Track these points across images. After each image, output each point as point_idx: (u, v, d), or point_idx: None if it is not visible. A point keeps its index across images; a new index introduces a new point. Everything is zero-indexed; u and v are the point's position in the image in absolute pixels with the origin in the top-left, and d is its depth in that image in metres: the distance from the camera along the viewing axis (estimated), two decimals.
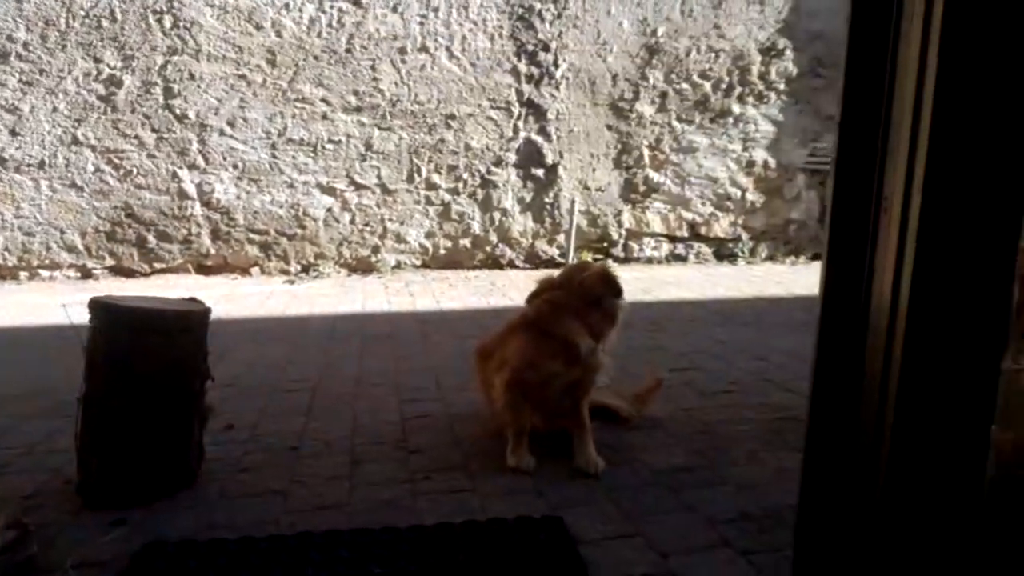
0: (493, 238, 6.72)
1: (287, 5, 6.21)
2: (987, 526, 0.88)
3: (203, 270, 6.52)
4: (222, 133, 6.32)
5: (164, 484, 1.97)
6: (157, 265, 6.45)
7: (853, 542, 1.06)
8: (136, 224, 6.34)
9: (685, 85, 6.69)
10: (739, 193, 6.93)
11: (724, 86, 6.73)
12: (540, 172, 6.66)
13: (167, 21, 6.13)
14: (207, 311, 2.12)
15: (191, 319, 2.05)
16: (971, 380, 0.88)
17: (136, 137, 6.24)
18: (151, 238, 6.38)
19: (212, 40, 6.18)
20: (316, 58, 6.29)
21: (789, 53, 6.71)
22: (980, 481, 0.88)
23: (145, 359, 1.92)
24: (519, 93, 6.52)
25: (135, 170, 6.26)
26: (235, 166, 6.37)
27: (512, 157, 6.61)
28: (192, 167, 6.34)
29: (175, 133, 6.28)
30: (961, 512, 0.91)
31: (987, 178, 0.85)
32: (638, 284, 5.75)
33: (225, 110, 6.29)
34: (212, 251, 6.47)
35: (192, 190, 6.36)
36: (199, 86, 6.23)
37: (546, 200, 6.70)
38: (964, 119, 0.83)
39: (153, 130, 6.26)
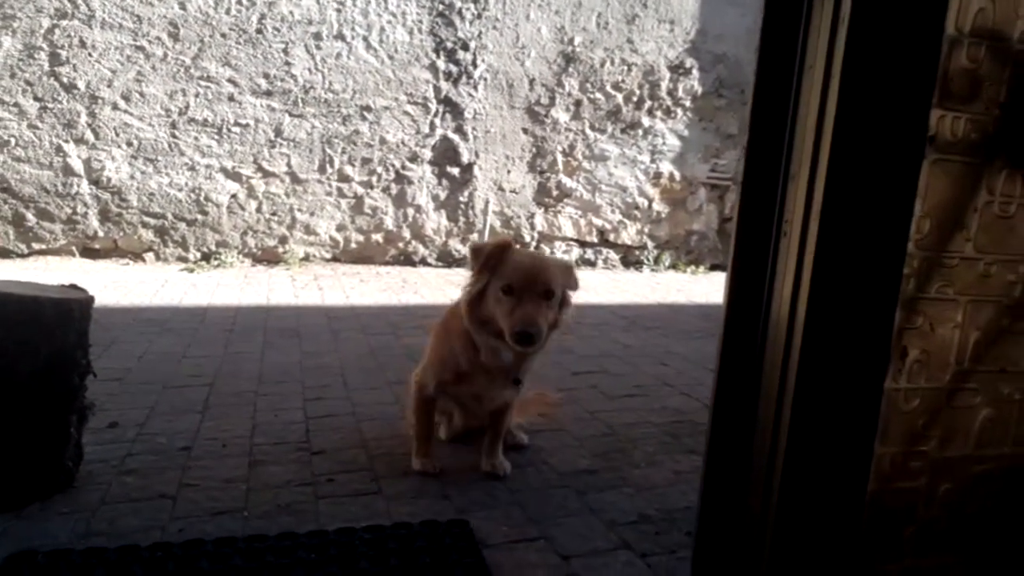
0: (406, 234, 6.63)
1: None
2: (867, 534, 0.97)
3: (89, 253, 6.04)
4: (115, 107, 5.88)
5: (36, 487, 1.81)
6: (36, 246, 5.92)
7: (749, 545, 1.13)
8: (13, 200, 5.79)
9: (599, 95, 6.86)
10: (646, 203, 7.19)
11: (635, 99, 6.96)
12: (456, 171, 6.63)
13: None
14: (90, 299, 1.97)
15: (71, 308, 1.89)
16: (859, 395, 0.96)
17: (16, 105, 5.69)
18: (30, 216, 5.85)
19: (107, 7, 5.74)
20: (224, 36, 5.97)
21: (695, 72, 7.02)
22: (863, 491, 0.96)
23: (16, 350, 1.76)
24: (437, 90, 6.46)
25: (13, 140, 5.72)
26: (129, 143, 5.95)
27: (428, 154, 6.55)
28: (80, 141, 5.86)
29: (61, 104, 5.78)
30: (846, 519, 0.99)
31: (878, 210, 0.93)
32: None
33: (120, 82, 5.85)
34: (100, 233, 6.01)
35: (79, 166, 5.88)
36: (91, 55, 5.77)
37: (461, 199, 6.68)
38: (861, 152, 0.91)
39: (36, 98, 5.73)
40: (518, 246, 2.08)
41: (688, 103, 7.07)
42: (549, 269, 1.90)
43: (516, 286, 1.82)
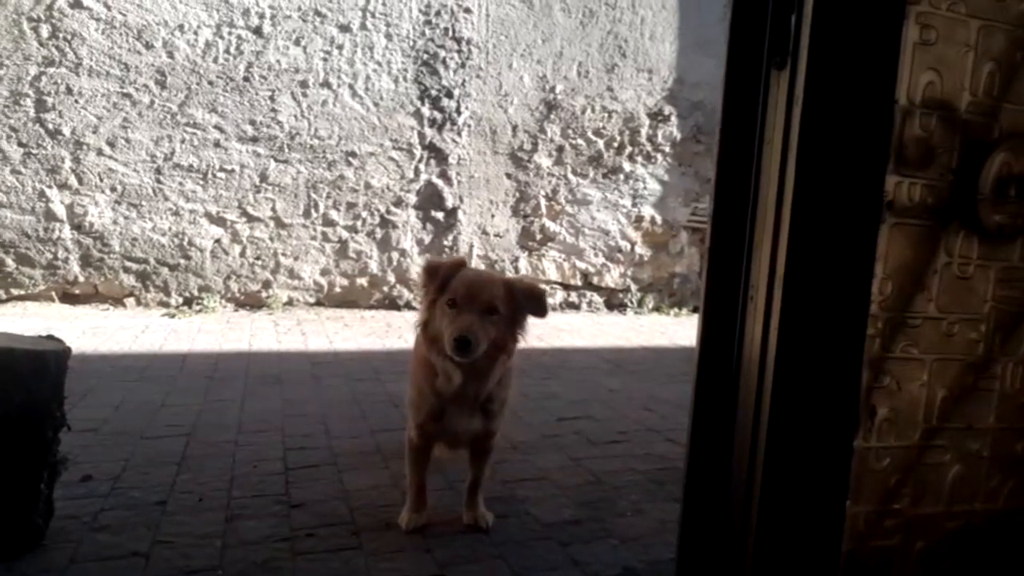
0: (391, 278, 6.64)
1: (181, 27, 5.96)
2: None
3: (69, 299, 5.97)
4: (100, 153, 5.90)
5: (2, 546, 1.76)
6: (15, 291, 5.85)
7: None
8: None
9: (580, 141, 7.00)
10: (629, 246, 7.27)
11: (616, 145, 7.10)
12: (440, 215, 6.69)
13: (44, 30, 5.70)
14: (67, 351, 1.94)
15: (46, 360, 1.86)
16: (829, 454, 0.97)
17: None
18: (10, 261, 5.79)
19: (95, 55, 5.81)
20: (211, 83, 6.05)
21: (674, 119, 7.20)
22: (838, 550, 0.96)
23: None
24: (421, 136, 6.56)
25: None
26: (113, 189, 5.95)
27: (413, 198, 6.61)
28: (63, 187, 5.85)
29: (46, 149, 5.79)
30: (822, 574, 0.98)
31: (839, 275, 0.96)
32: (533, 331, 5.82)
33: (105, 129, 5.88)
34: (81, 278, 5.96)
35: (61, 211, 5.86)
36: (77, 101, 5.81)
37: (445, 243, 6.72)
38: (820, 220, 0.94)
39: (20, 144, 5.74)
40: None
41: (668, 149, 7.23)
42: (494, 286, 1.93)
43: (459, 300, 1.86)
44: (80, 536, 1.91)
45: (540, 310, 2.01)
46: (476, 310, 1.85)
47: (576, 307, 7.17)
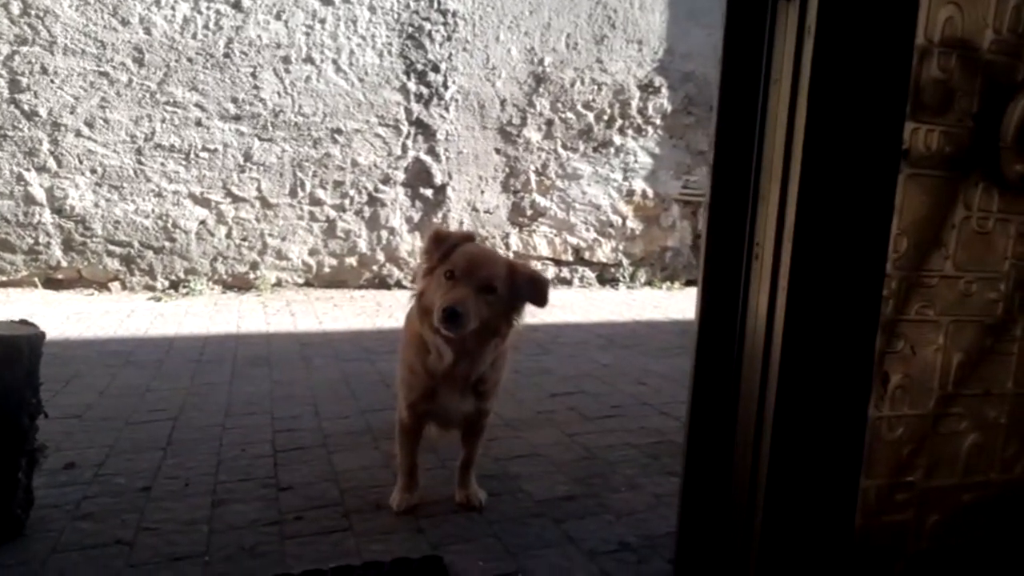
0: (380, 257, 6.55)
1: (158, 2, 5.78)
2: (856, 572, 0.91)
3: (52, 284, 5.86)
4: (79, 134, 5.75)
5: None
6: None
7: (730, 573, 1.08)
8: None
9: (570, 114, 6.89)
10: (620, 220, 7.20)
11: (606, 118, 6.99)
12: (429, 192, 6.59)
13: (15, 7, 5.52)
14: (40, 336, 1.87)
15: (19, 345, 1.79)
16: (841, 423, 0.91)
17: None
18: None
19: (69, 32, 5.63)
20: (190, 60, 5.89)
21: (665, 91, 7.10)
22: (851, 526, 0.91)
23: None
24: (408, 112, 6.43)
25: None
26: (93, 171, 5.81)
27: (400, 175, 6.50)
28: (42, 169, 5.71)
29: (22, 131, 5.64)
30: (833, 557, 0.93)
31: (854, 230, 0.89)
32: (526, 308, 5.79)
33: (83, 109, 5.73)
34: (64, 263, 5.84)
35: (41, 195, 5.73)
36: (53, 81, 5.64)
37: (435, 220, 6.63)
38: (834, 169, 0.86)
39: None
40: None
41: (658, 121, 7.13)
42: (496, 265, 1.87)
43: (458, 272, 1.80)
44: (62, 525, 1.86)
45: (540, 299, 1.95)
46: (473, 285, 1.78)
47: (568, 282, 7.11)
